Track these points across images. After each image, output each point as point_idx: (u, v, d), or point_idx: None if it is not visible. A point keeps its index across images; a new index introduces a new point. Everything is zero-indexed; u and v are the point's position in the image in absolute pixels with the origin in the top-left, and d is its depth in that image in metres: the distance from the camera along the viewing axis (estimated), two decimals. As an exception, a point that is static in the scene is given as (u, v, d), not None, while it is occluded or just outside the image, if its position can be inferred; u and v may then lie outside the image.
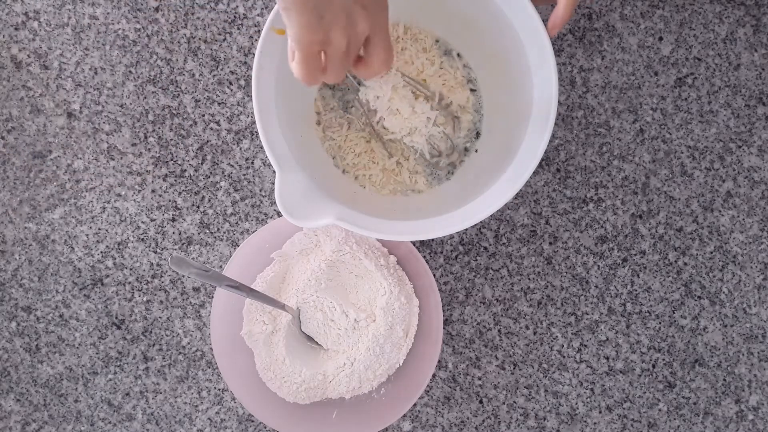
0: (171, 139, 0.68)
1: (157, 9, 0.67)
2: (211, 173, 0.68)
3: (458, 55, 0.62)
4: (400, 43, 0.61)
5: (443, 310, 0.68)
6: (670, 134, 0.67)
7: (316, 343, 0.65)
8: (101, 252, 0.68)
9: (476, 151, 0.61)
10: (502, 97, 0.59)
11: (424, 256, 0.68)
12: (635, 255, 0.67)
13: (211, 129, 0.67)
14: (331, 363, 0.64)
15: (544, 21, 0.52)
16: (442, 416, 0.68)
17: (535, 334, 0.68)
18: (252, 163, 0.67)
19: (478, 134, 0.62)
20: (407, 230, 0.53)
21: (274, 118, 0.53)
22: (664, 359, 0.68)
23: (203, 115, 0.67)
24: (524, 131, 0.54)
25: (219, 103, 0.67)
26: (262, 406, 0.63)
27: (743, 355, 0.68)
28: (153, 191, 0.68)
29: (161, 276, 0.68)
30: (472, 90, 0.62)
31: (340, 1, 0.43)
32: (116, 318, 0.69)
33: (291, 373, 0.63)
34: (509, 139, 0.57)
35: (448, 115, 0.61)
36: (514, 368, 0.68)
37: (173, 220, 0.68)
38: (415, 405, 0.68)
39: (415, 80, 0.60)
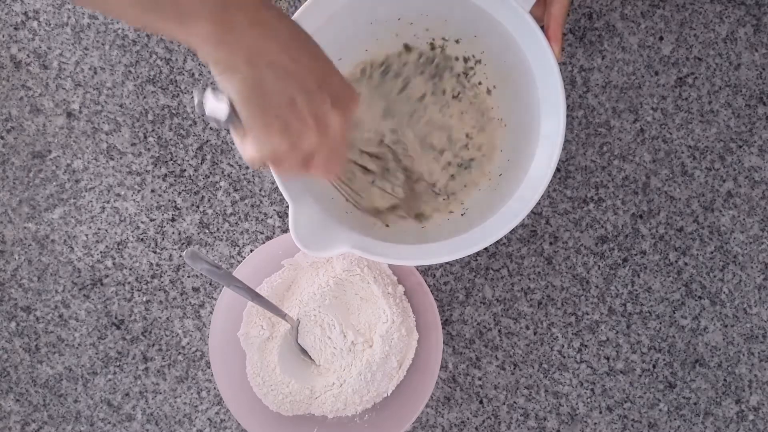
0: (170, 139, 0.67)
1: (156, 8, 0.67)
2: (210, 173, 0.68)
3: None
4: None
5: (444, 311, 0.68)
6: (671, 134, 0.67)
7: (309, 357, 0.65)
8: (101, 252, 0.68)
9: (500, 175, 0.61)
10: (513, 119, 0.60)
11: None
12: (636, 255, 0.67)
13: (211, 129, 0.67)
14: (321, 380, 0.64)
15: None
16: (442, 416, 0.68)
17: (535, 334, 0.68)
18: (252, 162, 0.67)
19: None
20: (423, 254, 0.53)
21: None
22: (664, 359, 0.68)
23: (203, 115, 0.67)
24: (533, 151, 0.54)
25: (219, 103, 0.67)
26: (245, 409, 0.63)
27: (744, 355, 0.68)
28: (152, 191, 0.68)
29: (161, 276, 0.68)
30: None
31: (304, 99, 0.38)
32: (116, 318, 0.68)
33: (279, 383, 0.63)
34: (519, 161, 0.57)
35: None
36: (514, 368, 0.68)
37: (173, 220, 0.68)
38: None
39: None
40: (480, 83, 0.61)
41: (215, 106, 0.39)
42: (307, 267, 0.65)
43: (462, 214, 0.60)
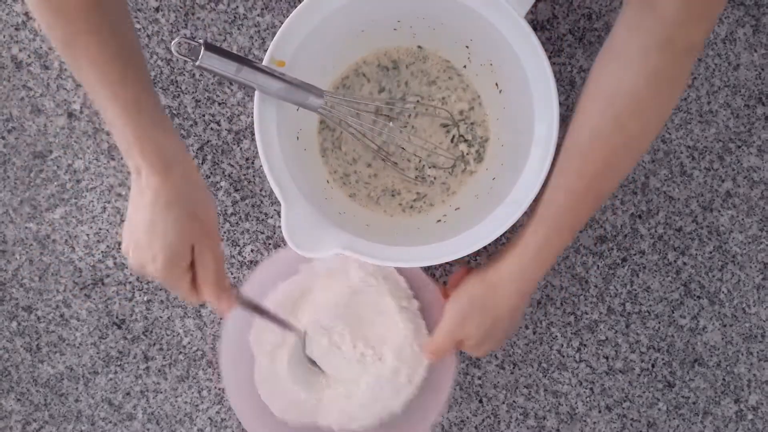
0: (171, 139, 0.68)
1: (157, 9, 0.67)
2: (211, 173, 0.68)
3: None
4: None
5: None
6: (670, 134, 0.67)
7: (319, 367, 0.63)
8: (102, 252, 0.68)
9: (493, 179, 0.61)
10: (507, 121, 0.60)
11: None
12: (635, 255, 0.68)
13: (212, 129, 0.67)
14: (329, 391, 0.63)
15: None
16: (442, 416, 0.68)
17: (534, 333, 0.68)
18: (252, 163, 0.68)
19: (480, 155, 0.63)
20: (415, 256, 0.54)
21: (277, 150, 0.54)
22: (663, 359, 0.68)
23: (203, 115, 0.67)
24: (527, 154, 0.54)
25: (219, 103, 0.67)
26: (251, 414, 0.62)
27: (742, 354, 0.68)
28: (153, 191, 0.68)
29: (162, 276, 0.68)
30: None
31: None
32: (117, 318, 0.69)
33: (287, 391, 0.62)
34: (512, 163, 0.57)
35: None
36: (513, 368, 0.68)
37: (173, 220, 0.68)
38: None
39: (430, 104, 0.61)
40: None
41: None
42: (323, 274, 0.63)
43: (449, 217, 0.61)
